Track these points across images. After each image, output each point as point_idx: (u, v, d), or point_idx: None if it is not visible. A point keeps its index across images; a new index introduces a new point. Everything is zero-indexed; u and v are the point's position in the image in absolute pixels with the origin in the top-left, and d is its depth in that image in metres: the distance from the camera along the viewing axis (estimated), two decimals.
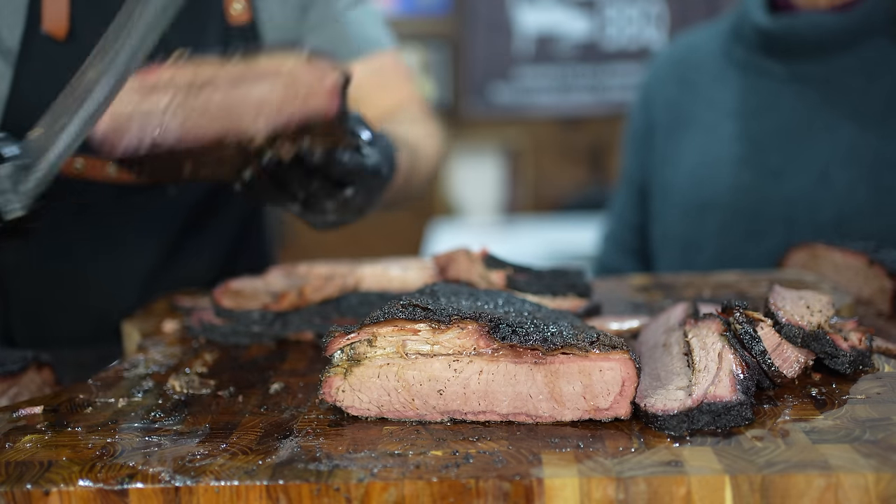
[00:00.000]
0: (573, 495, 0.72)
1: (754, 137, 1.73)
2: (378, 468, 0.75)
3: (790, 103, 1.70)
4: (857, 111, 1.65)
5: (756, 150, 1.72)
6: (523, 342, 0.83)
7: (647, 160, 1.91)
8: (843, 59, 1.66)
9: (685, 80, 1.87)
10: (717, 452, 0.75)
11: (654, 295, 1.28)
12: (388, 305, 0.89)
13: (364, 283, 1.18)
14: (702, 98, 1.82)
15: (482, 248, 1.19)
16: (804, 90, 1.69)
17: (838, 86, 1.67)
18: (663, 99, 1.90)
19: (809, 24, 1.67)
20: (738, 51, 1.79)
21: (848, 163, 1.62)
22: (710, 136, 1.78)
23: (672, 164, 1.83)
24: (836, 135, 1.65)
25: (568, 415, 0.84)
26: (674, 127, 1.86)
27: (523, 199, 4.15)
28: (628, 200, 1.97)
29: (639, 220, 1.95)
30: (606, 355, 0.82)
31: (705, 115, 1.81)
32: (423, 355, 0.85)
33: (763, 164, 1.70)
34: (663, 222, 1.85)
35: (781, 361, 0.89)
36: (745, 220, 1.70)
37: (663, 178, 1.85)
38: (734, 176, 1.72)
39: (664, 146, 1.86)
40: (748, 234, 1.70)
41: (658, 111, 1.91)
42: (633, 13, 4.06)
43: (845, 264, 1.28)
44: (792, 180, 1.64)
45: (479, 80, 4.10)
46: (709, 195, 1.75)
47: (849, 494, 0.71)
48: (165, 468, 0.77)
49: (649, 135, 1.91)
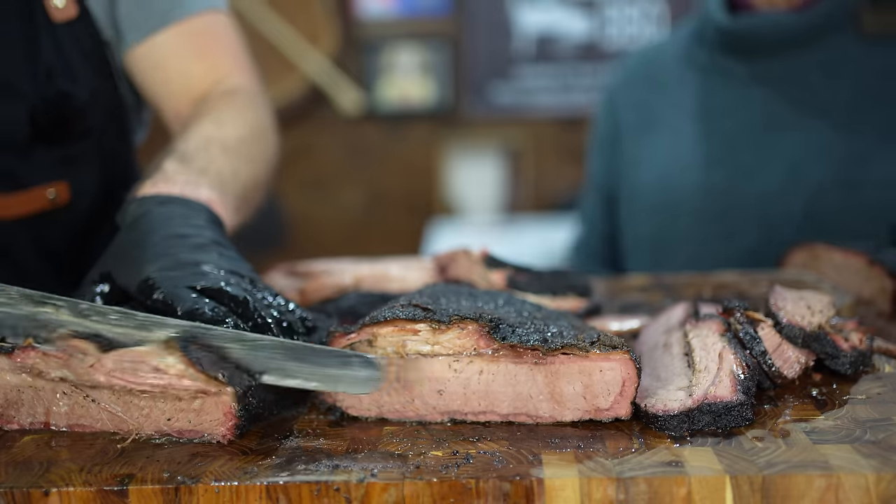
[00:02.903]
0: (573, 496, 0.72)
1: (721, 137, 1.74)
2: (378, 468, 0.75)
3: (755, 103, 1.72)
4: (822, 108, 1.67)
5: (723, 150, 1.73)
6: (524, 342, 0.83)
7: (614, 164, 1.90)
8: (805, 58, 1.68)
9: (651, 82, 1.88)
10: (718, 453, 0.75)
11: (655, 295, 1.28)
12: (388, 305, 0.89)
13: (364, 283, 1.18)
14: (668, 100, 1.83)
15: (482, 249, 1.19)
16: (767, 89, 1.71)
17: (801, 84, 1.68)
18: (630, 102, 1.90)
19: (769, 24, 1.69)
20: (701, 53, 1.80)
21: (817, 159, 1.63)
22: (676, 137, 1.79)
23: (640, 167, 1.83)
24: (803, 132, 1.66)
25: (568, 415, 0.84)
26: (641, 129, 1.86)
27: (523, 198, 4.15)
28: (596, 208, 1.96)
29: (608, 228, 1.93)
30: (607, 355, 0.82)
31: (671, 117, 1.81)
32: (424, 355, 0.85)
33: (731, 164, 1.71)
34: (633, 226, 1.85)
35: (782, 362, 0.89)
36: (715, 220, 1.71)
37: (631, 181, 1.85)
38: (702, 176, 1.73)
39: (632, 149, 1.86)
40: (720, 234, 1.71)
41: (625, 114, 1.91)
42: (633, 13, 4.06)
43: (845, 264, 1.28)
44: (762, 178, 1.64)
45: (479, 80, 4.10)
46: (678, 196, 1.75)
47: (849, 495, 0.71)
48: (165, 468, 0.77)
49: (616, 138, 1.91)
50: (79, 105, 1.20)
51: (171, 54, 1.27)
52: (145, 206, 1.00)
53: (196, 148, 1.13)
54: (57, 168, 1.22)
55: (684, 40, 1.86)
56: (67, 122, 1.21)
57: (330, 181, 4.19)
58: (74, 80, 1.19)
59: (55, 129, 1.20)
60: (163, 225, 0.97)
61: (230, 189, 1.11)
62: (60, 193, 1.22)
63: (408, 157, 4.18)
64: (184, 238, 0.96)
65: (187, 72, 1.28)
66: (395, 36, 4.06)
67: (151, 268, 0.92)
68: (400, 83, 4.09)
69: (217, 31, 1.32)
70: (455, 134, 4.15)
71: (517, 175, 4.17)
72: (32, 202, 1.20)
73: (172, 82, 1.28)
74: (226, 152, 1.15)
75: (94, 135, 1.25)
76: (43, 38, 1.18)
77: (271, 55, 3.90)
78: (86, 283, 0.97)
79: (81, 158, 1.25)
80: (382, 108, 4.10)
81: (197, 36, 1.29)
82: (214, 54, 1.31)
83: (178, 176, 1.05)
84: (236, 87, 1.29)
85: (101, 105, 1.25)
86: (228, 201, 1.09)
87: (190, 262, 0.92)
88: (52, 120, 1.18)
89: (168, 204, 1.01)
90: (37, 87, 1.16)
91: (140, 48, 1.26)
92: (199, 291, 0.89)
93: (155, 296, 0.89)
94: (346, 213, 4.21)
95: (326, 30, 4.00)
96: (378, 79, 4.08)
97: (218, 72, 1.30)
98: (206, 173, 1.08)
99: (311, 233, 4.20)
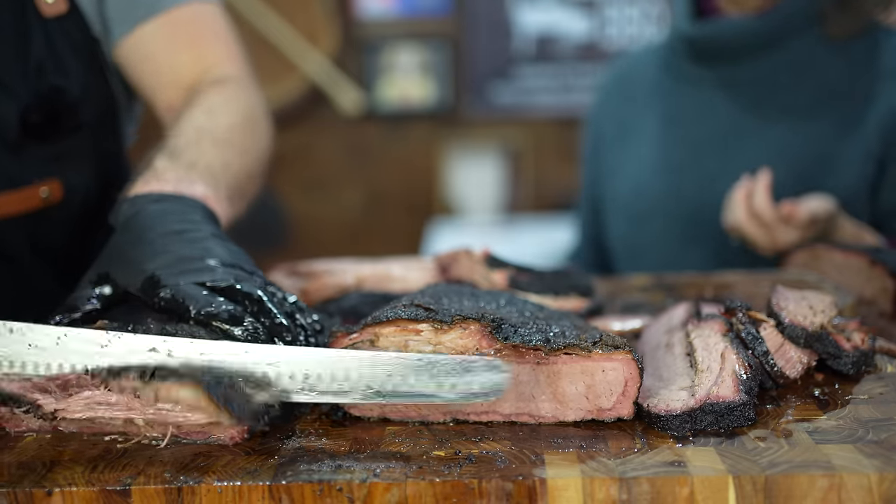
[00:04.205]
0: (576, 496, 0.72)
1: (689, 144, 1.78)
2: (381, 468, 0.75)
3: (722, 108, 1.75)
4: (785, 111, 1.70)
5: (690, 156, 1.77)
6: (526, 342, 0.83)
7: (597, 174, 1.96)
8: (769, 61, 1.70)
9: (627, 93, 1.93)
10: (721, 453, 0.75)
11: (656, 295, 1.28)
12: (391, 305, 0.89)
13: (366, 283, 1.18)
14: (642, 110, 1.88)
15: (484, 249, 1.19)
16: (734, 94, 1.74)
17: (767, 87, 1.71)
18: (608, 113, 1.96)
19: (730, 29, 1.71)
20: (674, 61, 1.83)
21: (778, 162, 1.65)
22: (648, 145, 1.83)
23: (616, 176, 1.88)
24: (766, 135, 1.69)
25: (570, 415, 0.84)
26: (618, 139, 1.91)
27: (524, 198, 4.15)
28: (587, 217, 2.01)
29: (597, 235, 1.99)
30: (609, 355, 0.82)
31: (645, 125, 1.85)
32: None
33: (698, 170, 1.75)
34: (612, 233, 1.90)
35: (784, 362, 0.89)
36: (682, 226, 1.75)
37: (610, 190, 1.90)
38: (670, 183, 1.77)
39: (611, 158, 1.91)
40: (686, 240, 1.74)
41: (604, 125, 1.96)
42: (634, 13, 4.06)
43: (847, 264, 1.28)
44: (726, 184, 1.66)
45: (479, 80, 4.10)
46: (647, 203, 1.80)
47: (852, 495, 0.71)
48: (168, 468, 0.77)
49: (598, 149, 1.96)
50: (70, 100, 1.19)
51: (159, 45, 1.26)
52: (138, 204, 0.99)
53: (187, 143, 1.12)
54: (49, 166, 1.21)
55: (660, 50, 1.90)
56: (59, 118, 1.20)
57: (330, 181, 4.18)
58: (66, 75, 1.19)
59: (47, 125, 1.19)
60: (158, 222, 0.96)
61: (222, 182, 1.10)
62: (53, 191, 1.21)
63: (408, 157, 4.18)
64: (182, 234, 0.95)
65: (176, 62, 1.27)
66: (395, 36, 4.06)
67: (153, 265, 0.91)
68: (400, 83, 4.09)
69: (205, 21, 1.30)
70: (455, 134, 4.15)
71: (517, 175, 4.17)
72: (25, 201, 1.20)
73: (162, 74, 1.27)
74: (216, 144, 1.14)
75: (86, 131, 1.24)
76: (34, 34, 1.17)
77: (271, 55, 3.90)
78: (83, 285, 0.95)
79: (73, 156, 1.24)
80: (382, 108, 4.10)
81: (184, 25, 1.28)
82: (203, 43, 1.29)
83: (169, 173, 1.04)
84: (227, 76, 1.28)
85: (93, 100, 1.24)
86: (222, 195, 1.08)
87: (193, 257, 0.91)
88: (44, 116, 1.18)
89: (162, 201, 1.00)
90: (28, 84, 1.16)
91: (128, 41, 1.25)
92: (210, 289, 0.89)
93: (162, 294, 0.88)
94: (346, 212, 4.21)
95: (326, 30, 3.99)
96: (378, 79, 4.08)
97: (207, 60, 1.28)
98: (195, 168, 1.07)
99: (311, 233, 4.19)
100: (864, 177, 1.63)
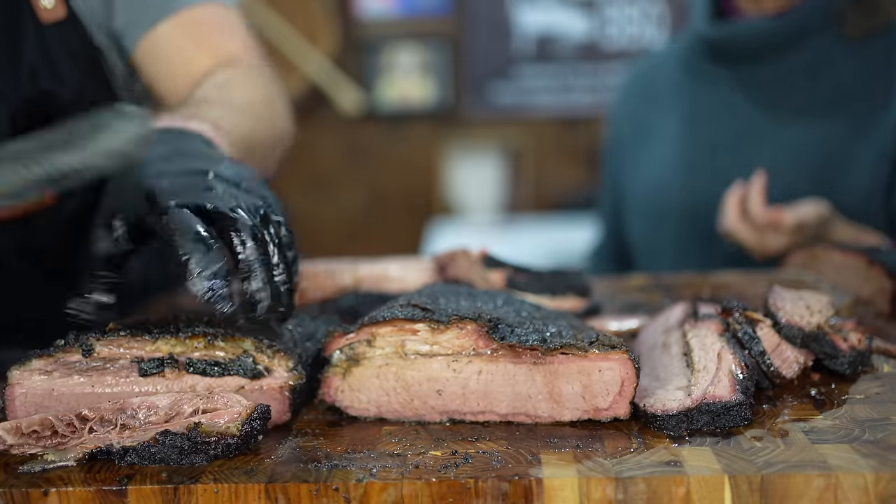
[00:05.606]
0: (572, 495, 0.72)
1: (707, 144, 1.79)
2: (377, 468, 0.75)
3: (740, 109, 1.76)
4: (801, 112, 1.70)
5: (706, 156, 1.78)
6: (522, 342, 0.83)
7: (617, 173, 1.98)
8: (787, 62, 1.71)
9: (647, 93, 1.94)
10: (717, 452, 0.75)
11: (654, 295, 1.28)
12: (388, 305, 0.89)
13: (363, 283, 1.18)
14: (661, 110, 1.89)
15: (481, 249, 1.19)
16: (752, 95, 1.75)
17: (784, 87, 1.72)
18: (628, 113, 1.98)
19: (749, 31, 1.72)
20: (693, 62, 1.84)
21: (792, 161, 1.66)
22: (666, 145, 1.84)
23: (636, 175, 1.90)
24: (782, 136, 1.70)
25: (567, 415, 0.84)
26: (637, 139, 1.92)
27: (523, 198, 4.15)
28: (609, 216, 2.03)
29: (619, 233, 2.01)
30: (605, 355, 0.82)
31: (665, 125, 1.87)
32: (422, 355, 0.85)
33: (714, 169, 1.76)
34: (632, 232, 1.92)
35: (780, 362, 0.89)
36: (699, 225, 1.76)
37: (629, 189, 1.92)
38: (687, 182, 1.78)
39: (630, 158, 1.93)
40: (703, 238, 1.75)
41: (624, 125, 1.98)
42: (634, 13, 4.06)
43: (845, 264, 1.28)
44: None
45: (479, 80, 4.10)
46: (665, 202, 1.81)
47: (848, 494, 0.71)
48: (164, 468, 0.77)
49: (618, 148, 1.98)
50: (62, 103, 1.19)
51: (175, 45, 1.26)
52: None
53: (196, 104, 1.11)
54: None
55: (681, 50, 1.91)
56: (50, 122, 1.20)
57: (330, 181, 4.19)
58: (60, 80, 1.19)
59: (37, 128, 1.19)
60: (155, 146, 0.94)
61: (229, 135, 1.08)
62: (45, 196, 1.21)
63: (408, 157, 4.18)
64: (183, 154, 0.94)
65: (190, 61, 1.27)
66: (395, 36, 4.07)
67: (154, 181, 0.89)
68: (400, 83, 4.10)
69: (218, 21, 1.30)
70: (455, 134, 4.15)
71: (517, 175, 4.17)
72: None
73: (177, 76, 1.27)
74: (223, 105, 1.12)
75: None
76: (29, 39, 1.17)
77: (271, 55, 3.90)
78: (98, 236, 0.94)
79: None
80: (382, 108, 4.10)
81: (197, 25, 1.28)
82: (216, 42, 1.29)
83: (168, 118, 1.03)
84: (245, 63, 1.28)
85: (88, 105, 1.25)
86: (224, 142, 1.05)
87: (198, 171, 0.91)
88: (34, 119, 1.18)
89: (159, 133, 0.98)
90: (19, 88, 1.16)
91: (142, 45, 1.26)
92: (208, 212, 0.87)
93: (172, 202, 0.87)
94: (346, 213, 4.21)
95: (326, 30, 4.00)
96: (378, 79, 4.08)
97: (223, 56, 1.28)
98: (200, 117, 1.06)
99: (310, 233, 4.19)
100: (878, 177, 1.63)
